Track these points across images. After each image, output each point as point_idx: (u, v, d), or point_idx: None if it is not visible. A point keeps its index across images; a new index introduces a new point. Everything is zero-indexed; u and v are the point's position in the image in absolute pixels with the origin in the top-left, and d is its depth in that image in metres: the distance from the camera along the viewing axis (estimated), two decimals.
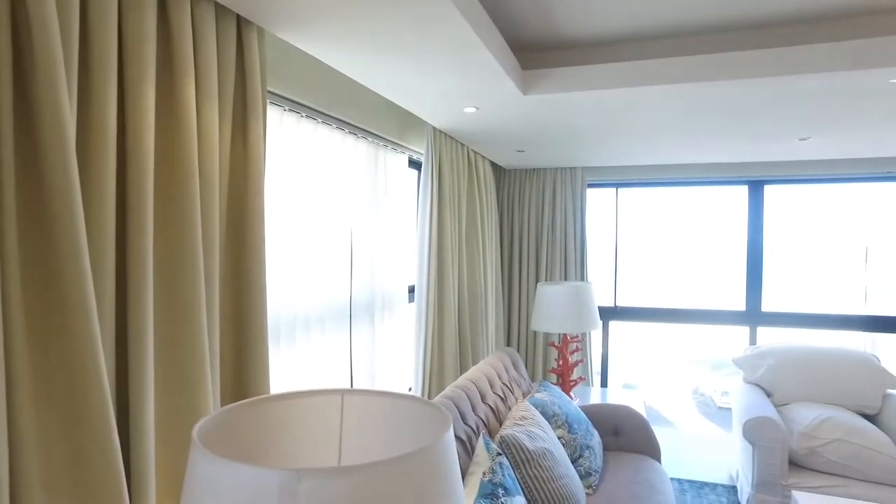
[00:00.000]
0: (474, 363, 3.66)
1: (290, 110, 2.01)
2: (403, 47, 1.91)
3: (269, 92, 1.89)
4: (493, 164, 4.56)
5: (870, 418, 3.42)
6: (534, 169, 4.75)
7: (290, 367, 2.06)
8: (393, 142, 2.88)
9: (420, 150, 3.19)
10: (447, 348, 3.25)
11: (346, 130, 2.42)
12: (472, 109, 2.78)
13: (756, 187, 4.53)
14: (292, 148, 2.04)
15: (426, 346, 3.06)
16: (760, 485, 3.07)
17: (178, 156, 1.38)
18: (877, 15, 2.13)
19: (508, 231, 4.82)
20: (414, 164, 3.37)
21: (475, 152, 3.88)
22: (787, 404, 3.49)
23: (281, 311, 2.01)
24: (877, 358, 3.56)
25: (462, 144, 3.59)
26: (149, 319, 1.28)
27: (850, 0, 2.01)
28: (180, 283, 1.39)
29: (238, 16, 1.60)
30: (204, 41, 1.45)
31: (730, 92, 2.47)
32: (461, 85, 2.37)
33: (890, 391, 3.44)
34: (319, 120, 2.21)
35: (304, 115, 2.09)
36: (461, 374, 3.17)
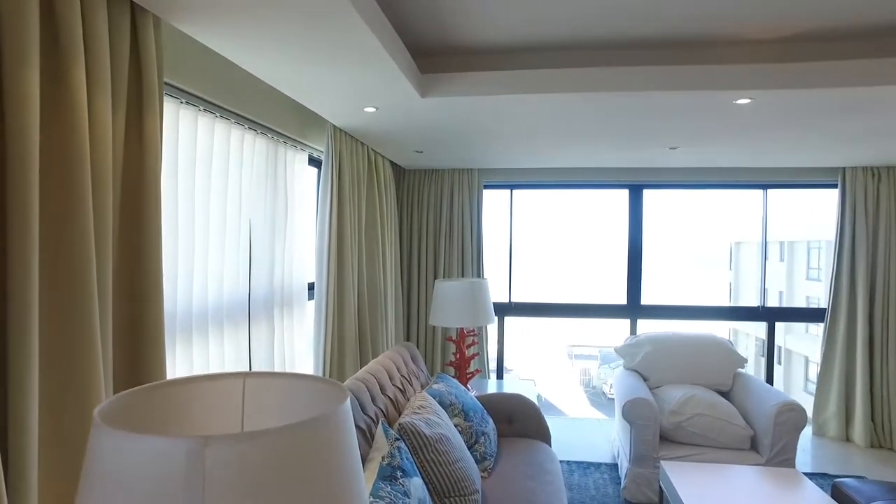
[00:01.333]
0: (374, 358, 3.72)
1: (187, 103, 1.98)
2: (304, 47, 1.95)
3: (166, 84, 1.85)
4: (393, 164, 4.65)
5: (724, 394, 3.88)
6: (432, 169, 4.90)
7: (186, 365, 2.03)
8: (293, 139, 2.88)
9: (321, 148, 3.21)
10: (347, 344, 3.29)
11: (246, 126, 2.41)
12: (373, 109, 2.86)
13: (636, 191, 4.97)
14: (189, 142, 2.01)
15: (325, 342, 3.08)
16: (636, 459, 3.39)
17: (66, 147, 1.34)
18: (726, 45, 2.46)
19: (407, 229, 4.93)
20: (314, 161, 3.38)
21: (375, 152, 3.95)
22: (660, 387, 3.88)
23: (177, 308, 1.97)
24: (731, 343, 4.04)
25: (363, 144, 3.65)
26: (33, 315, 1.24)
27: (704, 31, 2.31)
28: (70, 278, 1.35)
29: (132, 2, 1.57)
30: (94, 26, 1.41)
31: (610, 102, 2.73)
32: (361, 85, 2.44)
33: (739, 370, 3.93)
34: (218, 114, 2.19)
35: (202, 108, 2.07)
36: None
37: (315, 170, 3.46)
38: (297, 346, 2.97)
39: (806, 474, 3.85)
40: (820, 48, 2.44)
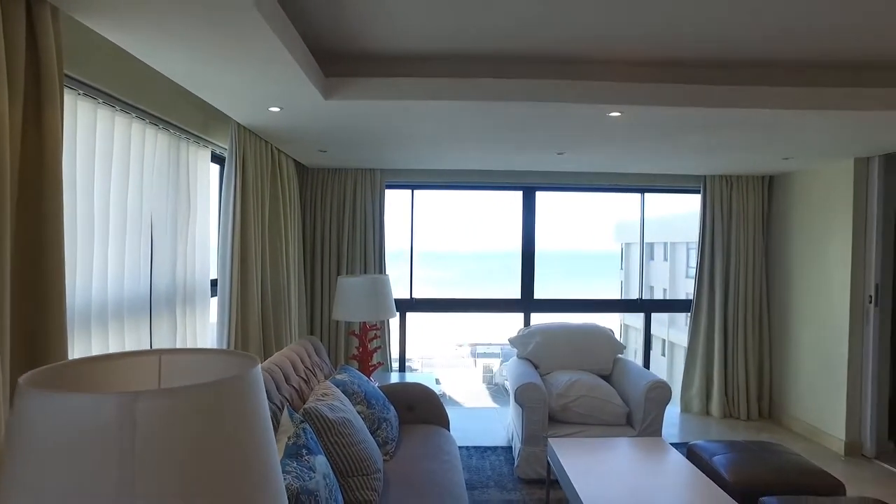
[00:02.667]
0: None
1: (85, 95, 1.98)
2: (205, 44, 1.99)
3: (66, 75, 1.85)
4: (297, 163, 4.70)
5: (605, 378, 4.29)
6: (336, 169, 4.99)
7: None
8: (196, 135, 2.89)
9: (224, 145, 3.22)
10: (251, 340, 3.33)
11: (147, 121, 2.41)
12: (277, 109, 2.93)
13: (529, 193, 5.33)
14: (88, 135, 2.01)
15: (229, 338, 3.11)
16: (528, 439, 3.69)
17: None
18: (603, 64, 2.79)
19: (311, 226, 4.99)
20: (218, 158, 3.38)
21: (279, 150, 3.99)
22: (549, 373, 4.22)
23: (76, 304, 1.96)
24: (612, 331, 4.48)
25: (266, 142, 3.69)
26: None
27: (585, 50, 2.61)
28: None
29: None
30: None
31: (502, 111, 2.98)
32: (265, 85, 2.51)
33: (619, 356, 4.37)
34: (118, 108, 2.19)
35: (101, 101, 2.07)
36: None
37: (218, 166, 3.46)
38: (201, 342, 2.98)
39: (673, 444, 4.35)
40: (681, 73, 2.83)
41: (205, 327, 3.04)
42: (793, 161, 4.47)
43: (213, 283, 3.23)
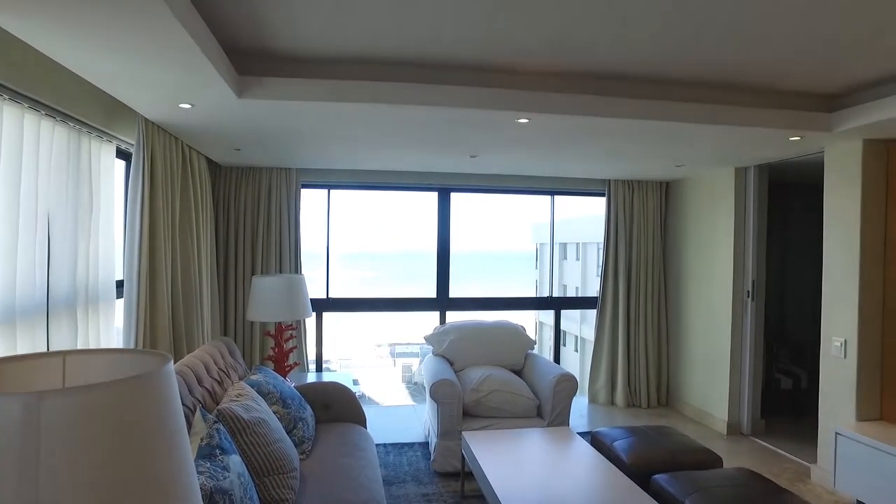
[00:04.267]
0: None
1: None
2: (109, 35, 1.91)
3: None
4: (210, 161, 4.56)
5: (517, 372, 4.49)
6: (250, 167, 4.89)
7: None
8: (99, 129, 2.77)
9: (131, 141, 3.10)
10: (160, 343, 3.22)
11: (42, 112, 2.29)
12: (188, 106, 2.86)
13: (444, 194, 5.46)
14: None
15: (136, 341, 2.99)
16: (443, 434, 3.80)
17: None
18: (512, 73, 2.94)
19: (224, 226, 4.86)
20: (123, 154, 3.24)
21: (190, 147, 3.87)
22: (463, 369, 4.36)
23: None
24: (523, 328, 4.69)
25: (177, 138, 3.57)
26: None
27: (495, 59, 2.75)
28: None
29: None
30: None
31: (415, 114, 3.07)
32: (175, 81, 2.46)
33: (530, 351, 4.59)
34: (6, 97, 2.07)
35: None
36: None
37: (124, 163, 3.31)
38: (105, 346, 2.85)
39: (580, 433, 4.61)
40: (585, 84, 3.03)
41: (109, 330, 2.91)
42: (685, 169, 4.88)
43: (120, 284, 3.10)
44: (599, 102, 3.02)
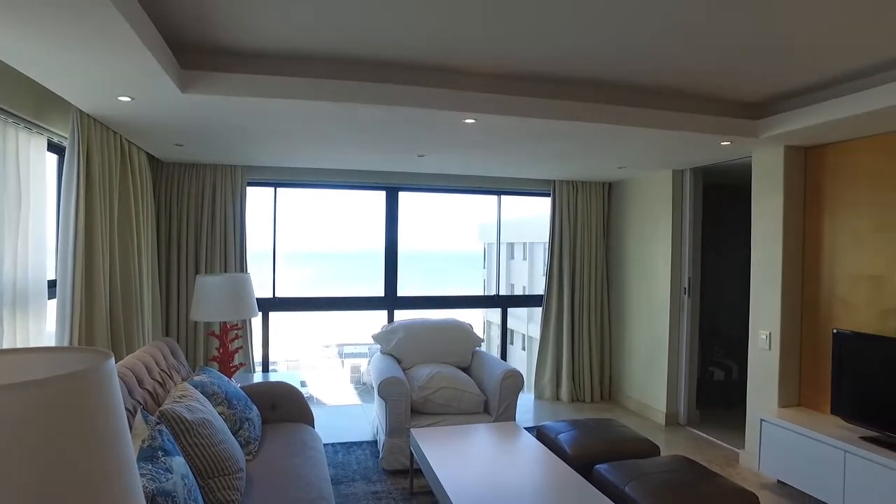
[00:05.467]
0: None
1: None
2: (39, 20, 1.82)
3: None
4: (151, 156, 4.41)
5: (465, 369, 4.55)
6: (194, 163, 4.76)
7: None
8: (27, 121, 2.64)
9: (64, 134, 2.97)
10: (97, 344, 3.10)
11: None
12: (127, 99, 2.77)
13: (392, 193, 5.47)
14: None
15: (72, 343, 2.88)
16: (391, 431, 3.82)
17: None
18: (458, 74, 2.99)
19: (166, 223, 4.71)
20: (56, 148, 3.10)
21: (130, 142, 3.74)
22: (412, 367, 4.38)
23: None
24: (471, 326, 4.76)
25: (115, 132, 3.45)
26: None
27: (442, 60, 2.79)
28: None
29: None
30: None
31: (362, 113, 3.08)
32: (112, 73, 2.37)
33: (477, 349, 4.66)
34: None
35: None
36: None
37: (57, 157, 3.17)
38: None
39: (527, 427, 4.72)
40: (529, 86, 3.11)
41: (40, 332, 2.79)
42: (626, 170, 5.07)
43: (53, 284, 2.97)
44: (541, 104, 3.11)
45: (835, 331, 3.50)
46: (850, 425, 3.38)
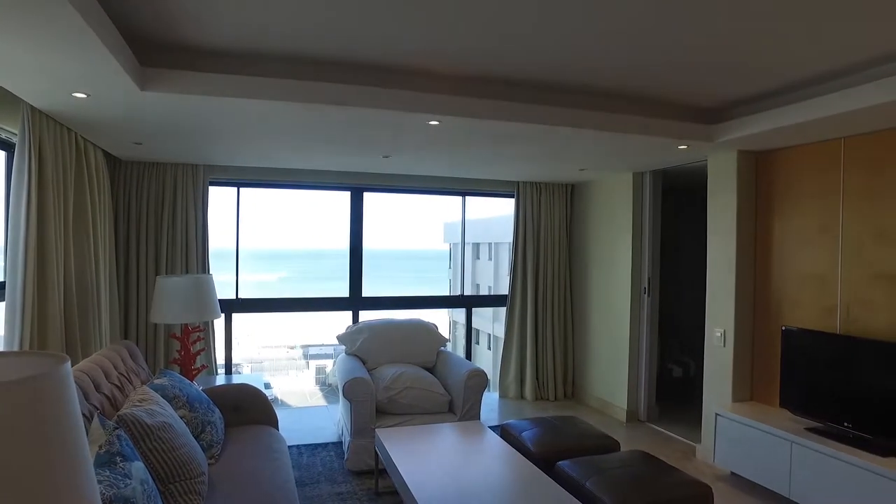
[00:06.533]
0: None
1: None
2: None
3: None
4: (108, 155, 4.29)
5: (430, 369, 4.58)
6: (154, 162, 4.65)
7: None
8: None
9: (13, 130, 2.87)
10: (51, 348, 3.01)
11: None
12: (83, 95, 2.70)
13: (357, 193, 5.46)
14: None
15: (23, 347, 2.79)
16: (357, 432, 3.81)
17: None
18: (423, 76, 3.01)
19: (125, 223, 4.59)
20: (6, 145, 3.00)
21: (85, 139, 3.64)
22: (376, 367, 4.39)
23: None
24: (435, 326, 4.79)
25: (70, 130, 3.35)
26: None
27: (406, 62, 2.81)
28: None
29: None
30: None
31: (329, 114, 3.07)
32: (66, 68, 2.30)
33: (442, 349, 4.69)
34: None
35: None
36: None
37: (5, 153, 3.06)
38: None
39: (491, 426, 4.77)
40: (493, 89, 3.16)
41: None
42: (587, 172, 5.17)
43: (1, 285, 2.87)
44: (504, 107, 3.16)
45: (783, 328, 3.66)
46: (797, 417, 3.53)
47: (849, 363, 3.24)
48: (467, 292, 6.47)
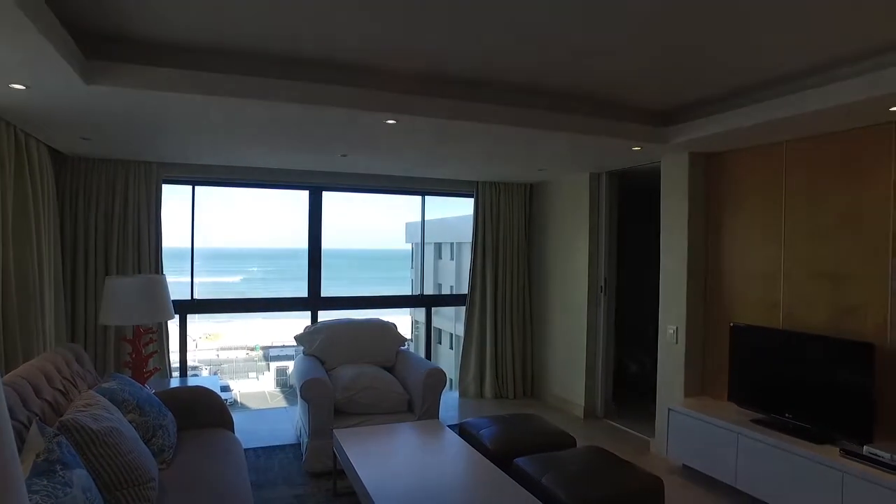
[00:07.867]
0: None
1: None
2: None
3: None
4: (52, 150, 4.12)
5: (389, 369, 4.57)
6: (103, 159, 4.50)
7: None
8: None
9: None
10: None
11: None
12: (21, 87, 2.59)
13: (315, 192, 5.40)
14: None
15: None
16: (315, 433, 3.77)
17: None
18: (379, 74, 3.00)
19: (72, 223, 4.41)
20: None
21: (27, 134, 3.49)
22: (335, 368, 4.35)
23: None
24: (395, 325, 4.78)
25: (9, 123, 3.21)
26: None
27: (363, 60, 2.79)
28: None
29: None
30: None
31: (284, 111, 3.03)
32: (2, 58, 2.21)
33: (401, 349, 4.69)
34: None
35: None
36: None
37: None
38: None
39: (451, 425, 4.79)
40: (449, 88, 3.16)
41: None
42: (546, 172, 5.24)
43: None
44: (461, 107, 3.18)
45: (732, 324, 3.79)
46: (744, 410, 3.67)
47: (790, 357, 3.38)
48: (429, 292, 6.47)
